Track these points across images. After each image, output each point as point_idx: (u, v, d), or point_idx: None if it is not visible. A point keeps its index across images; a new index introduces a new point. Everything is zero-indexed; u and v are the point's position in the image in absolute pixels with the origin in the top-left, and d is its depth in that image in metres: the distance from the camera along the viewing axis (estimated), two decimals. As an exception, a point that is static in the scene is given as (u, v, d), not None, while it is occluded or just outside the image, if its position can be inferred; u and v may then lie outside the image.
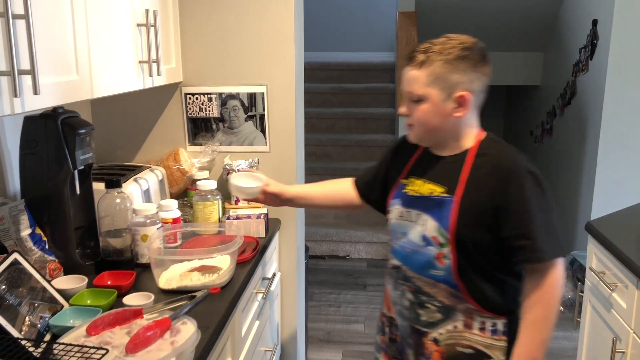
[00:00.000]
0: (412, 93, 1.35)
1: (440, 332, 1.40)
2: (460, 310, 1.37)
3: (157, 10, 1.83)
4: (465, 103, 1.32)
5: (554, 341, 3.21)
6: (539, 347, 1.32)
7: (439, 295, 1.38)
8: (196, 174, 2.14)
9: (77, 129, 1.53)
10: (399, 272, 1.45)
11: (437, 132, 1.38)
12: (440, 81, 1.31)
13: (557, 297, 1.32)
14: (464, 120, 1.36)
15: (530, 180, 1.30)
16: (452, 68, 1.30)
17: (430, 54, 1.31)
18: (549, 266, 1.30)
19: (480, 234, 1.32)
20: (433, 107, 1.33)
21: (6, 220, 1.49)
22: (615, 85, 3.58)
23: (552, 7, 4.52)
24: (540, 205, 1.30)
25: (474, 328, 1.38)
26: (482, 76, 1.34)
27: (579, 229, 4.02)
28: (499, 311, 1.38)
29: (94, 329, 1.19)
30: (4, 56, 1.05)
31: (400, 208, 1.44)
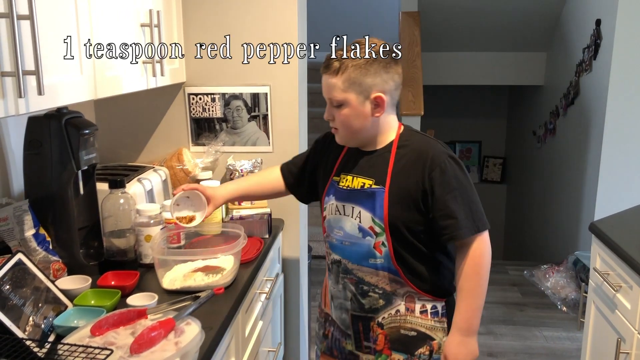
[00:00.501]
0: (332, 99, 1.43)
1: (383, 317, 1.47)
2: (401, 294, 1.46)
3: (161, 10, 1.83)
4: (382, 103, 1.40)
5: (557, 341, 3.21)
6: (475, 314, 1.42)
7: (380, 283, 1.46)
8: (199, 174, 2.14)
9: (81, 129, 1.53)
10: (340, 266, 1.51)
11: (360, 133, 1.45)
12: (356, 85, 1.38)
13: (485, 266, 1.41)
14: (383, 118, 1.44)
15: (450, 164, 1.40)
16: (364, 72, 1.37)
17: (343, 60, 1.38)
18: (473, 240, 1.39)
19: (411, 218, 1.42)
20: (353, 110, 1.41)
21: (10, 220, 1.49)
22: (618, 85, 3.57)
23: (555, 7, 4.51)
24: (461, 186, 1.40)
25: (416, 311, 1.47)
26: (394, 75, 1.41)
27: (582, 229, 4.01)
28: (437, 293, 1.48)
29: (98, 329, 1.19)
30: (9, 57, 1.05)
31: (335, 202, 1.51)
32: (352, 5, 6.07)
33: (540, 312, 3.56)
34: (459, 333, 1.42)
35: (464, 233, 1.39)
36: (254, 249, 1.82)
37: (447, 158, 1.41)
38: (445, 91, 5.88)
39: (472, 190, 1.43)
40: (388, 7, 5.86)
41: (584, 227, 3.93)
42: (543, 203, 5.05)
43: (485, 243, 1.41)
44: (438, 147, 1.43)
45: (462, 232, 1.39)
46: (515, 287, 3.95)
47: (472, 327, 1.43)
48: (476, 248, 1.40)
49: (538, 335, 3.28)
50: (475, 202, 1.42)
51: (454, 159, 1.42)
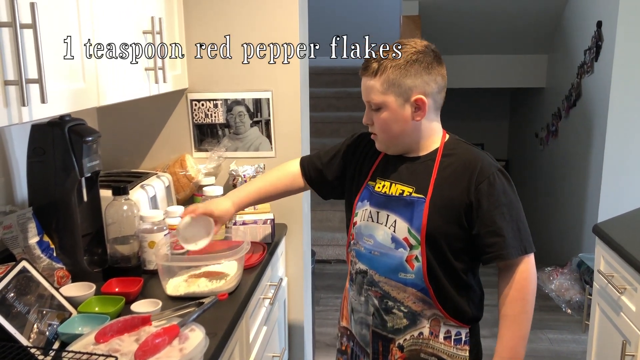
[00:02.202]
0: (371, 102, 1.36)
1: (405, 339, 1.39)
2: (427, 316, 1.38)
3: (163, 17, 1.84)
4: (423, 106, 1.34)
5: (562, 344, 3.20)
6: (521, 342, 1.34)
7: (407, 300, 1.37)
8: (202, 180, 2.14)
9: (84, 137, 1.54)
10: (365, 277, 1.42)
11: (400, 138, 1.38)
12: (395, 87, 1.32)
13: (531, 291, 1.34)
14: (426, 122, 1.37)
15: (499, 177, 1.33)
16: (404, 73, 1.31)
17: (382, 61, 1.32)
18: (520, 262, 1.32)
19: (451, 232, 1.33)
20: (392, 113, 1.34)
21: (14, 228, 1.49)
22: (620, 86, 3.57)
23: (556, 9, 4.52)
24: (509, 202, 1.32)
25: (440, 336, 1.38)
26: (437, 77, 1.35)
27: (585, 231, 4.00)
28: (464, 319, 1.39)
29: (102, 336, 1.19)
30: (12, 65, 1.05)
31: (370, 208, 1.42)
32: (353, 9, 6.09)
33: (545, 315, 3.55)
34: None
35: (511, 253, 1.31)
36: (257, 254, 1.82)
37: (497, 171, 1.33)
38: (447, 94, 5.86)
39: (520, 208, 1.35)
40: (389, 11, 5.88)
41: (588, 229, 3.92)
42: (546, 205, 5.04)
43: (531, 266, 1.34)
44: (487, 159, 1.36)
45: (509, 251, 1.31)
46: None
47: (516, 356, 1.34)
48: (523, 271, 1.32)
49: (543, 338, 3.27)
50: (523, 221, 1.35)
51: (503, 172, 1.34)
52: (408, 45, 1.34)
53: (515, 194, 1.35)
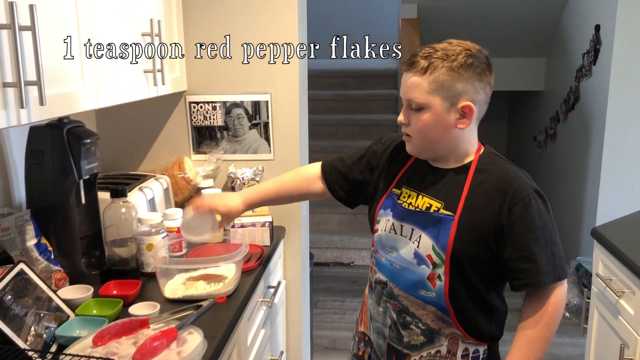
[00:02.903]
0: (412, 101, 1.26)
1: (421, 355, 1.34)
2: (445, 335, 1.32)
3: (162, 19, 1.84)
4: (470, 114, 1.25)
5: (560, 347, 3.20)
6: None
7: (426, 318, 1.31)
8: (201, 182, 2.14)
9: (83, 139, 1.53)
10: (384, 289, 1.36)
11: (437, 145, 1.29)
12: (444, 89, 1.22)
13: (558, 318, 1.28)
14: (466, 132, 1.28)
15: (535, 200, 1.24)
16: (457, 76, 1.22)
17: (433, 59, 1.22)
18: (553, 288, 1.26)
19: (478, 254, 1.26)
20: (435, 117, 1.24)
21: (12, 230, 1.49)
22: (618, 90, 3.57)
23: (555, 13, 4.53)
24: (545, 226, 1.25)
25: (457, 355, 1.32)
26: (486, 86, 1.27)
27: (584, 235, 4.00)
28: (483, 338, 1.34)
29: (100, 339, 1.19)
30: (11, 68, 1.05)
31: (392, 220, 1.35)
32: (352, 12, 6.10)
33: (543, 318, 3.55)
34: None
35: (544, 281, 1.23)
36: (255, 257, 1.82)
37: (533, 192, 1.25)
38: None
39: (555, 232, 1.27)
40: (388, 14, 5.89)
41: (586, 233, 3.93)
42: (544, 208, 5.04)
43: (563, 293, 1.27)
44: (523, 179, 1.28)
45: (542, 278, 1.23)
46: (519, 293, 3.91)
47: None
48: (553, 298, 1.25)
49: (541, 342, 3.27)
50: (557, 245, 1.26)
51: (539, 194, 1.26)
52: (461, 47, 1.25)
53: (550, 217, 1.27)
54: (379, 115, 5.18)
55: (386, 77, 5.46)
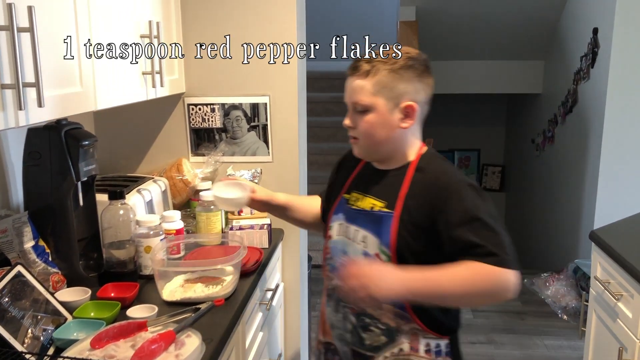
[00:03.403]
0: (357, 103, 1.31)
1: (385, 356, 1.35)
2: (406, 331, 1.33)
3: (160, 21, 1.84)
4: (412, 113, 1.30)
5: (558, 350, 3.20)
6: (423, 288, 1.20)
7: (384, 317, 1.33)
8: (199, 184, 2.14)
9: (81, 141, 1.53)
10: None
11: (382, 146, 1.34)
12: (387, 90, 1.28)
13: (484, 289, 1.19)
14: (409, 132, 1.33)
15: (469, 191, 1.26)
16: (398, 77, 1.27)
17: (375, 63, 1.29)
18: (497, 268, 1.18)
19: (421, 249, 1.27)
20: (379, 117, 1.30)
21: (9, 232, 1.49)
22: (616, 92, 3.58)
23: (553, 16, 4.54)
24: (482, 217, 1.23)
25: (420, 350, 1.33)
26: (426, 87, 1.32)
27: (581, 237, 4.01)
28: (442, 330, 1.35)
29: (98, 342, 1.18)
30: (9, 69, 1.05)
31: (343, 223, 1.39)
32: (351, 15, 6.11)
33: (541, 321, 3.55)
34: (398, 271, 1.21)
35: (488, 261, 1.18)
36: (253, 260, 1.81)
37: (466, 186, 1.27)
38: (444, 100, 5.87)
39: (496, 219, 1.25)
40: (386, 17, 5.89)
41: (584, 235, 3.93)
42: (542, 211, 5.05)
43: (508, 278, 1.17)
44: (457, 175, 1.31)
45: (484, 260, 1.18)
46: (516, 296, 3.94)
47: (410, 287, 1.20)
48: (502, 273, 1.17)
49: (539, 344, 3.27)
50: (500, 233, 1.23)
51: (474, 187, 1.28)
52: (402, 51, 1.31)
53: (488, 207, 1.26)
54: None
55: (384, 79, 5.46)
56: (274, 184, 2.21)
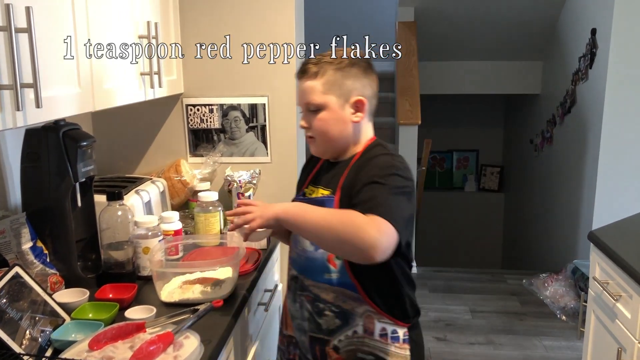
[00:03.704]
0: (310, 103, 1.37)
1: (340, 339, 1.37)
2: (360, 314, 1.36)
3: (159, 22, 1.84)
4: (362, 107, 1.37)
5: (557, 351, 3.20)
6: (297, 212, 1.28)
7: (336, 300, 1.36)
8: (197, 185, 2.14)
9: (79, 142, 1.53)
10: (297, 283, 1.44)
11: (337, 141, 1.40)
12: (336, 87, 1.35)
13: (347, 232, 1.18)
14: (360, 126, 1.40)
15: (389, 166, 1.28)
16: (345, 74, 1.35)
17: (322, 64, 1.36)
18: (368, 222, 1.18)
19: None
20: (332, 114, 1.36)
21: (7, 233, 1.48)
22: (615, 93, 3.59)
23: (551, 17, 4.54)
24: (390, 182, 1.24)
25: (375, 333, 1.36)
26: (372, 82, 1.40)
27: (580, 238, 4.01)
28: (398, 315, 1.37)
29: (96, 343, 1.18)
30: (7, 70, 1.05)
31: None
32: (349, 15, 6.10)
33: (540, 322, 3.55)
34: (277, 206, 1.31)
35: (373, 209, 1.20)
36: (252, 261, 1.81)
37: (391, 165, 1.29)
38: (442, 100, 5.89)
39: (402, 197, 1.25)
40: (385, 17, 5.89)
41: (582, 236, 3.93)
42: (541, 211, 5.05)
43: (372, 233, 1.16)
44: (388, 157, 1.33)
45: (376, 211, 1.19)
46: (515, 297, 3.94)
47: (287, 208, 1.30)
48: (364, 222, 1.17)
49: (538, 345, 3.27)
50: (400, 206, 1.23)
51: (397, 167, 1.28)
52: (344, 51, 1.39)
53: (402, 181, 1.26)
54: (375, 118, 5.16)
55: (383, 79, 5.43)
56: (272, 184, 2.21)
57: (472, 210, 6.44)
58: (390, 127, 5.05)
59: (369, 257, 1.17)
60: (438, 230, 6.36)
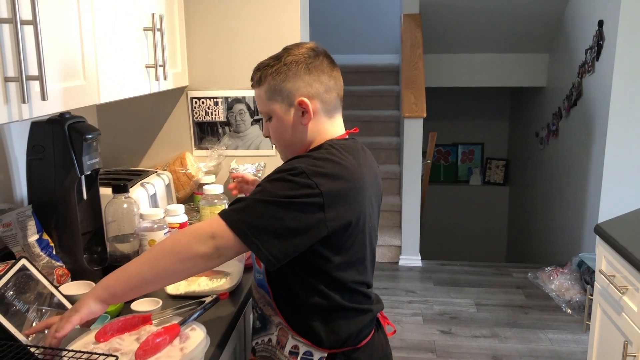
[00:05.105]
0: (261, 112, 1.32)
1: (257, 342, 1.34)
2: (275, 323, 1.28)
3: (163, 14, 1.83)
4: (307, 108, 1.25)
5: (562, 344, 3.19)
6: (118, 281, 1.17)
7: (259, 302, 1.33)
8: (202, 178, 2.14)
9: (84, 134, 1.53)
10: None
11: (293, 146, 1.30)
12: (277, 93, 1.26)
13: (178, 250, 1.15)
14: (315, 126, 1.27)
15: (284, 173, 1.15)
16: (283, 77, 1.24)
17: (263, 69, 1.28)
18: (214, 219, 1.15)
19: None
20: (280, 121, 1.27)
21: (13, 226, 1.49)
22: (621, 86, 3.56)
23: (558, 8, 4.51)
24: (265, 191, 1.14)
25: (285, 349, 1.26)
26: (320, 76, 1.25)
27: (586, 231, 4.00)
28: (311, 339, 1.24)
29: (102, 335, 1.18)
30: (13, 62, 1.05)
31: None
32: (354, 7, 6.08)
33: (545, 315, 3.55)
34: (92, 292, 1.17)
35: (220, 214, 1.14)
36: (258, 253, 1.81)
37: (295, 167, 1.15)
38: (447, 93, 5.87)
39: (271, 206, 1.12)
40: (389, 9, 5.87)
41: (588, 229, 3.92)
42: (546, 205, 5.03)
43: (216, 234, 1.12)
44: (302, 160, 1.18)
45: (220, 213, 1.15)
46: (520, 290, 3.94)
47: (104, 285, 1.17)
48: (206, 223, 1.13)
49: (543, 338, 3.27)
50: (261, 213, 1.12)
51: (296, 173, 1.14)
52: (289, 49, 1.28)
53: (279, 191, 1.13)
54: (380, 111, 5.17)
55: (388, 72, 5.44)
56: (277, 177, 2.21)
57: (477, 204, 6.43)
58: (395, 120, 5.04)
59: (202, 263, 1.14)
60: (443, 223, 6.35)
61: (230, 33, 2.14)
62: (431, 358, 3.08)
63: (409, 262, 4.39)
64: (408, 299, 3.79)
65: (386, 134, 5.04)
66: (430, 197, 5.80)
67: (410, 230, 4.35)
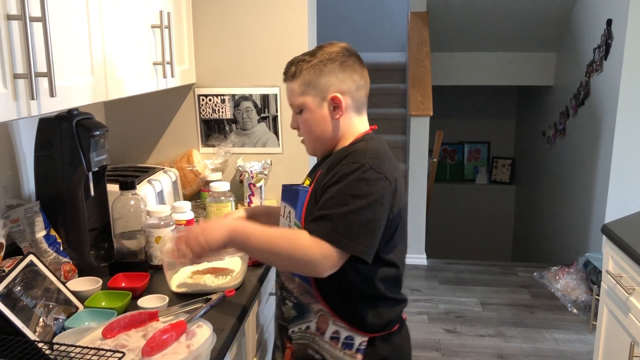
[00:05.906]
0: (292, 105, 1.37)
1: (293, 330, 1.37)
2: (314, 311, 1.33)
3: (171, 11, 1.83)
4: (340, 103, 1.32)
5: (568, 344, 3.18)
6: (241, 233, 1.26)
7: (295, 291, 1.35)
8: (209, 175, 2.14)
9: (92, 131, 1.53)
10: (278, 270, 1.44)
11: (323, 140, 1.37)
12: (311, 87, 1.32)
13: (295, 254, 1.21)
14: (346, 121, 1.35)
15: (358, 167, 1.22)
16: (318, 72, 1.31)
17: (298, 64, 1.34)
18: (318, 242, 1.19)
19: None
20: (312, 114, 1.34)
21: (21, 222, 1.49)
22: (630, 85, 3.54)
23: (566, 7, 4.49)
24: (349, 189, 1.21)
25: (326, 335, 1.32)
26: (352, 74, 1.33)
27: (592, 231, 3.98)
28: (355, 324, 1.31)
29: (109, 331, 1.19)
30: (22, 59, 1.05)
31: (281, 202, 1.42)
32: (361, 5, 6.07)
33: (551, 314, 3.54)
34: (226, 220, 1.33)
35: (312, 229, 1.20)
36: (264, 251, 1.81)
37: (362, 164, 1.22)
38: (454, 92, 5.85)
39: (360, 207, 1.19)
40: (397, 7, 5.85)
41: (594, 229, 3.90)
42: (553, 204, 5.02)
43: (312, 253, 1.18)
44: (363, 153, 1.26)
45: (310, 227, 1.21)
46: (525, 289, 3.93)
47: (231, 231, 1.26)
48: (305, 244, 1.19)
49: (548, 338, 3.26)
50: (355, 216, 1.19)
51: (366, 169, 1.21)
52: (324, 47, 1.35)
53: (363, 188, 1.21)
54: (387, 109, 5.15)
55: (395, 70, 5.42)
56: (283, 175, 2.21)
57: (483, 203, 6.41)
58: (401, 118, 5.03)
59: (315, 275, 1.24)
60: (449, 222, 6.34)
61: (237, 30, 2.14)
62: (436, 357, 3.08)
63: (415, 260, 4.38)
64: (413, 297, 3.79)
65: (392, 132, 5.02)
66: (436, 195, 5.79)
67: (416, 229, 4.35)
